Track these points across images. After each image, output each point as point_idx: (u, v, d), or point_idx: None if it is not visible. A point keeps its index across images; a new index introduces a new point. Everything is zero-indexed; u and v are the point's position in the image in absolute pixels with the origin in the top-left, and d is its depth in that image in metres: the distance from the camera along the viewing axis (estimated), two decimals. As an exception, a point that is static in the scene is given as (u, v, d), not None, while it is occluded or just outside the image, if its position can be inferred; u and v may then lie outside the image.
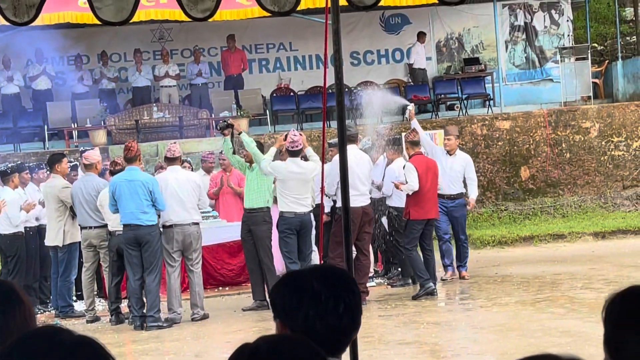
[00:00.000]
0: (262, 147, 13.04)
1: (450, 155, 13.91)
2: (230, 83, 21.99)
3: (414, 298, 12.50)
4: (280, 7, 4.13)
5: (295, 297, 2.42)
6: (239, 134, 12.68)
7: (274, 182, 12.58)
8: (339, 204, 12.22)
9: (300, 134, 12.48)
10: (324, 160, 6.80)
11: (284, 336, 2.24)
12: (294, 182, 12.13)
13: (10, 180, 12.99)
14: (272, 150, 12.42)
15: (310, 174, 12.25)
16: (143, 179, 11.77)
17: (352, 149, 12.32)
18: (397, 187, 12.70)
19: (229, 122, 12.84)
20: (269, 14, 4.14)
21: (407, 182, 12.53)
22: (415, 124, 13.78)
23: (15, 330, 2.36)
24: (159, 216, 12.03)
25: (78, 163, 13.95)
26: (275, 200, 12.74)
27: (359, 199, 12.19)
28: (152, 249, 11.76)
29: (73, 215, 12.84)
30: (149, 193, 11.66)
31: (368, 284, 13.01)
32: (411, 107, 14.27)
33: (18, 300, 2.44)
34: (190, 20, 14.83)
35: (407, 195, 12.58)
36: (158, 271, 11.92)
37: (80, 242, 12.93)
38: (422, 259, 12.75)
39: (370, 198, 13.69)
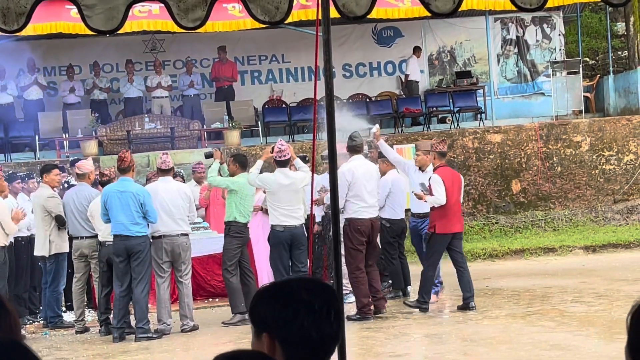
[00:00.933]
0: (245, 160, 13.04)
1: (422, 171, 13.05)
2: (221, 94, 21.98)
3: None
4: (271, 17, 4.12)
5: (290, 309, 2.46)
6: (221, 163, 12.72)
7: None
8: (344, 215, 12.10)
9: (288, 144, 12.34)
10: (314, 171, 6.75)
11: (241, 352, 2.35)
12: (284, 194, 11.99)
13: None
14: (259, 163, 12.27)
15: (300, 183, 12.08)
16: (135, 190, 11.74)
17: (358, 159, 12.27)
18: (420, 198, 12.41)
19: (213, 151, 12.98)
20: (261, 26, 4.13)
21: (426, 194, 12.23)
22: (382, 145, 12.90)
23: None
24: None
25: (70, 177, 13.91)
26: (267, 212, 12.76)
27: (367, 210, 12.06)
28: (142, 259, 11.73)
29: (59, 225, 12.79)
30: (140, 205, 11.64)
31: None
32: (375, 128, 13.37)
33: (4, 309, 2.45)
34: (182, 31, 14.90)
35: (432, 208, 12.26)
36: (147, 282, 11.89)
37: (68, 253, 12.90)
38: (456, 274, 12.40)
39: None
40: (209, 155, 13.10)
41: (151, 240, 12.12)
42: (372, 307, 12.12)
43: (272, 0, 4.09)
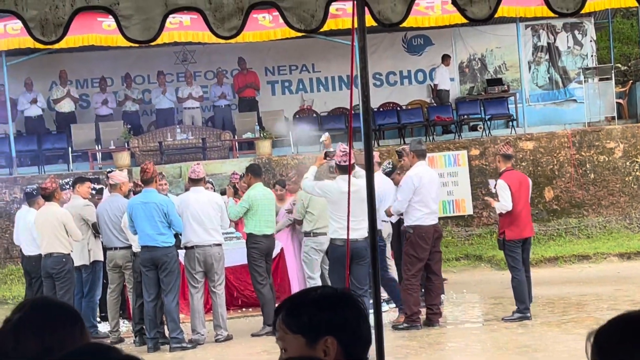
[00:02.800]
0: (260, 170, 13.01)
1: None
2: (245, 105, 21.99)
3: (505, 319, 12.06)
4: (307, 25, 4.12)
5: (354, 312, 2.56)
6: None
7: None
8: (406, 222, 12.03)
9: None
10: (350, 179, 6.71)
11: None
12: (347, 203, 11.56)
13: (35, 202, 13.01)
14: (313, 169, 11.65)
15: (364, 191, 11.49)
16: (158, 201, 11.78)
17: (423, 166, 12.14)
18: (489, 204, 12.32)
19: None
20: (291, 35, 4.14)
21: (497, 200, 12.10)
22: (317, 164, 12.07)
23: (74, 346, 2.53)
24: (177, 237, 12.04)
25: (104, 186, 13.97)
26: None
27: (429, 217, 11.94)
28: (170, 270, 11.77)
29: (95, 233, 12.87)
30: (164, 215, 11.67)
31: (388, 306, 12.90)
32: (324, 136, 13.06)
33: (79, 320, 2.66)
34: (212, 41, 14.86)
35: (500, 214, 12.15)
36: (176, 292, 11.92)
37: (103, 262, 12.96)
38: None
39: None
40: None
41: (184, 251, 12.16)
42: (420, 316, 12.00)
43: (308, 8, 4.10)
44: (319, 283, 12.63)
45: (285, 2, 4.09)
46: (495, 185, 12.14)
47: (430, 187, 11.96)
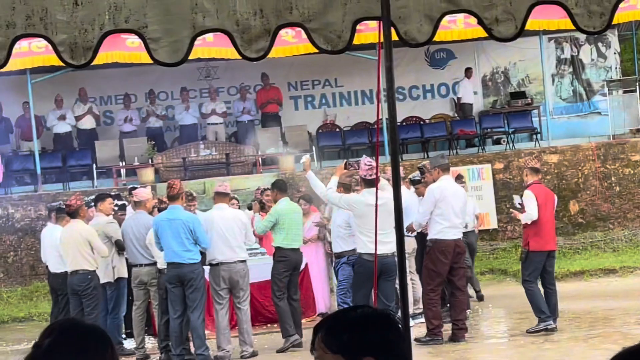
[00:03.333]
0: (285, 185, 13.01)
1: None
2: (268, 120, 22.04)
3: (529, 332, 12.03)
4: (334, 46, 4.13)
5: (393, 332, 2.55)
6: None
7: None
8: (429, 235, 11.99)
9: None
10: (377, 192, 6.69)
11: None
12: (374, 216, 11.25)
13: (62, 218, 13.06)
14: (334, 180, 11.51)
15: (392, 203, 11.17)
16: (184, 218, 11.79)
17: (447, 180, 12.13)
18: (514, 217, 12.34)
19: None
20: (314, 51, 4.16)
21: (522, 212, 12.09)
22: (310, 176, 11.95)
23: None
24: (203, 254, 12.05)
25: (127, 202, 14.02)
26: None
27: (451, 231, 11.89)
28: (196, 287, 11.78)
29: (119, 250, 12.90)
30: (190, 231, 11.68)
31: (414, 322, 12.85)
32: (305, 158, 12.85)
33: (110, 343, 2.65)
34: (235, 58, 14.88)
35: (526, 224, 12.13)
36: (202, 308, 11.93)
37: (128, 279, 12.98)
38: (543, 293, 12.22)
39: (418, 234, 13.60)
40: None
41: (209, 267, 12.18)
42: (442, 330, 11.97)
43: (334, 29, 4.11)
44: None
45: (312, 23, 4.11)
46: (520, 200, 12.15)
47: (454, 200, 11.92)
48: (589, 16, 4.15)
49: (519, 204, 12.20)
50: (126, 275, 13.04)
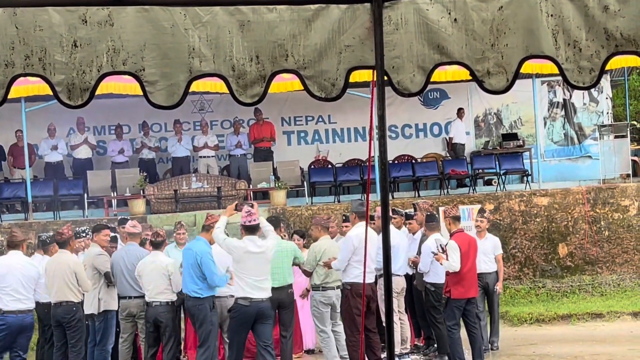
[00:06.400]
0: (277, 222, 13.03)
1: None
2: (260, 155, 22.11)
3: None
4: (327, 94, 4.20)
5: None
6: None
7: None
8: (344, 279, 12.24)
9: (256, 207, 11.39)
10: (367, 224, 6.74)
11: None
12: (252, 262, 10.99)
13: (49, 249, 13.02)
14: (223, 220, 11.31)
15: (270, 252, 11.17)
16: (196, 249, 11.79)
17: (363, 226, 12.30)
18: (437, 259, 12.54)
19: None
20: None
21: (447, 259, 12.36)
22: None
23: None
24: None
25: (118, 235, 14.01)
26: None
27: (367, 276, 12.11)
28: (200, 322, 11.84)
29: (108, 283, 12.85)
30: (198, 266, 11.66)
31: (404, 360, 12.93)
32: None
33: None
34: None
35: (447, 272, 12.45)
36: (207, 345, 11.94)
37: (117, 311, 12.94)
38: (469, 337, 12.47)
39: (407, 274, 13.77)
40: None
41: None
42: None
43: (329, 77, 4.18)
44: (331, 336, 12.62)
45: (307, 70, 4.17)
46: (439, 246, 12.43)
47: (370, 247, 12.10)
48: (579, 72, 4.23)
49: (438, 248, 12.40)
50: (115, 308, 12.98)
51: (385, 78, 4.28)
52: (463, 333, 12.50)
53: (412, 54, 4.19)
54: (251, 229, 11.01)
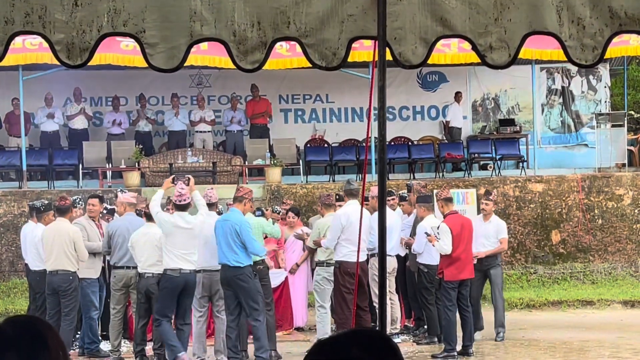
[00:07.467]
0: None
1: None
2: (256, 132, 22.07)
3: (434, 357, 12.41)
4: (328, 63, 4.17)
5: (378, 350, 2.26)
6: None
7: None
8: (336, 258, 12.31)
9: (188, 188, 11.76)
10: (363, 204, 6.73)
11: None
12: (180, 237, 11.53)
13: (43, 217, 12.99)
14: (159, 193, 11.97)
15: (198, 229, 11.73)
16: (234, 220, 11.75)
17: (354, 204, 12.33)
18: (430, 241, 12.55)
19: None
20: (307, 65, 4.19)
21: (438, 240, 12.38)
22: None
23: None
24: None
25: (115, 208, 13.88)
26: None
27: (356, 254, 12.10)
28: (240, 289, 11.80)
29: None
30: (237, 235, 11.64)
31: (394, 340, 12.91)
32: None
33: (43, 346, 2.43)
34: (228, 67, 14.90)
35: (441, 254, 12.47)
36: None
37: (104, 280, 12.94)
38: (461, 319, 12.56)
39: (398, 255, 13.78)
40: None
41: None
42: None
43: (330, 46, 4.15)
44: (329, 312, 12.68)
45: (308, 38, 4.14)
46: (431, 231, 12.45)
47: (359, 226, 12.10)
48: (582, 49, 4.20)
49: (426, 233, 12.46)
50: (94, 276, 12.91)
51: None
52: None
53: (414, 25, 4.16)
54: (180, 207, 11.59)
